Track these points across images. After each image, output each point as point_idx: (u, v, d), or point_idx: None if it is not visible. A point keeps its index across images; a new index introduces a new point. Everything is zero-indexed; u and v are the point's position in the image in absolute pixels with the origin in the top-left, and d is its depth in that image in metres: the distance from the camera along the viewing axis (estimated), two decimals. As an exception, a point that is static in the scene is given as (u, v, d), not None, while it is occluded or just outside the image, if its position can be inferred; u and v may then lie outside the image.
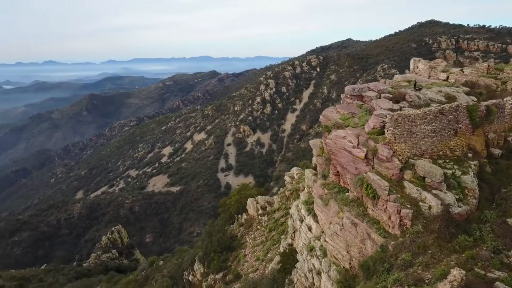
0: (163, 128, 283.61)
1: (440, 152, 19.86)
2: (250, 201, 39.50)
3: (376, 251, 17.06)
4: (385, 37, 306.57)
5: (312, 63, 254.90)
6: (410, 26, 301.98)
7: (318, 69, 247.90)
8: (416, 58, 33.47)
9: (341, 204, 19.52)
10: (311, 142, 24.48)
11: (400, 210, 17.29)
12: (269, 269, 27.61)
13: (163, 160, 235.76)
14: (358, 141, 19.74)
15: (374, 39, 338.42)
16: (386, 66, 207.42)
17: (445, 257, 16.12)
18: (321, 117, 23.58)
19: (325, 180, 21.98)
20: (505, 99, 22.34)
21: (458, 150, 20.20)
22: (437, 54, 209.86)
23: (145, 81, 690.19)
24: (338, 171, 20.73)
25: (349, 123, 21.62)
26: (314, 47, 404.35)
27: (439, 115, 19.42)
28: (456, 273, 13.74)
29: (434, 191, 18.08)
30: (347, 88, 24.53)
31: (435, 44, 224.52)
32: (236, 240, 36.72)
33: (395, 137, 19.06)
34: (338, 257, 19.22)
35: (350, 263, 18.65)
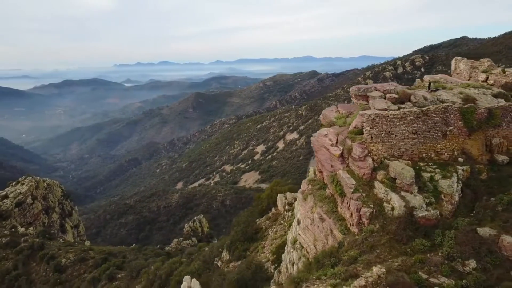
0: (258, 126, 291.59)
1: (424, 155, 19.22)
2: (279, 196, 40.63)
3: (331, 247, 17.51)
4: (505, 34, 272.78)
5: (416, 63, 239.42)
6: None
7: (422, 69, 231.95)
8: (458, 58, 31.35)
9: (317, 200, 20.06)
10: (315, 140, 24.96)
11: (360, 209, 17.45)
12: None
13: (256, 157, 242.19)
14: (337, 140, 20.06)
15: (493, 36, 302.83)
16: (504, 66, 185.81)
17: (392, 258, 15.98)
18: (321, 115, 24.06)
19: (314, 176, 22.54)
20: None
21: (445, 153, 19.30)
22: None
23: (247, 81, 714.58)
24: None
25: (340, 122, 21.87)
26: (422, 46, 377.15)
27: (421, 116, 18.84)
28: (375, 270, 13.90)
29: (402, 193, 17.77)
30: (352, 88, 24.54)
31: None
32: (260, 232, 38.24)
33: (371, 137, 19.02)
34: (307, 250, 19.86)
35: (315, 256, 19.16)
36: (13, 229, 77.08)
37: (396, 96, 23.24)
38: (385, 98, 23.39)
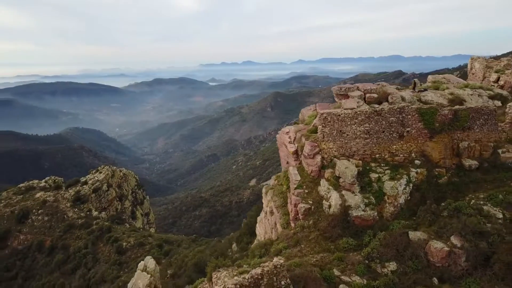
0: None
1: (377, 155, 18.92)
2: (289, 193, 40.69)
3: (267, 239, 18.21)
4: None
5: None
6: None
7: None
8: (474, 56, 29.28)
9: (274, 195, 20.71)
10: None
11: (298, 204, 17.90)
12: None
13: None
14: (295, 137, 20.51)
15: None
16: None
17: (313, 254, 16.27)
18: (300, 113, 24.39)
19: (285, 173, 23.07)
20: (484, 104, 19.15)
21: (401, 155, 18.78)
22: None
23: (328, 80, 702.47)
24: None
25: (309, 120, 22.15)
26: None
27: (374, 116, 18.60)
28: (274, 260, 14.46)
29: (344, 192, 17.81)
30: (334, 87, 24.45)
31: None
32: (266, 226, 38.99)
33: (323, 135, 19.21)
34: (261, 241, 20.58)
35: (263, 248, 19.80)
36: (88, 212, 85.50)
37: (376, 95, 22.85)
38: (365, 98, 23.14)
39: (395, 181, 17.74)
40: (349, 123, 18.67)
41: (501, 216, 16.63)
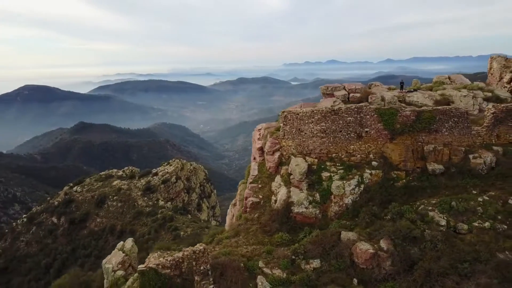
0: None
1: (334, 155, 18.87)
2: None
3: (217, 229, 19.21)
4: None
5: None
6: None
7: None
8: (494, 55, 26.95)
9: (242, 189, 21.60)
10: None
11: (248, 198, 18.69)
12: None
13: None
14: (263, 134, 21.15)
15: None
16: None
17: (247, 245, 16.93)
18: (286, 112, 24.72)
19: (265, 169, 23.70)
20: (462, 106, 18.04)
21: (358, 155, 18.52)
22: None
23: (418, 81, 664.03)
24: (258, 161, 22.39)
25: (285, 119, 22.56)
26: None
27: (330, 116, 18.59)
28: (195, 247, 15.49)
29: (292, 188, 18.16)
30: (321, 87, 24.51)
31: None
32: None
33: (284, 133, 19.64)
34: (227, 232, 21.56)
35: (226, 239, 20.71)
36: (156, 202, 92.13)
37: (358, 95, 22.59)
38: (349, 97, 22.98)
39: (344, 181, 17.65)
40: (306, 121, 18.91)
41: (444, 223, 15.74)
